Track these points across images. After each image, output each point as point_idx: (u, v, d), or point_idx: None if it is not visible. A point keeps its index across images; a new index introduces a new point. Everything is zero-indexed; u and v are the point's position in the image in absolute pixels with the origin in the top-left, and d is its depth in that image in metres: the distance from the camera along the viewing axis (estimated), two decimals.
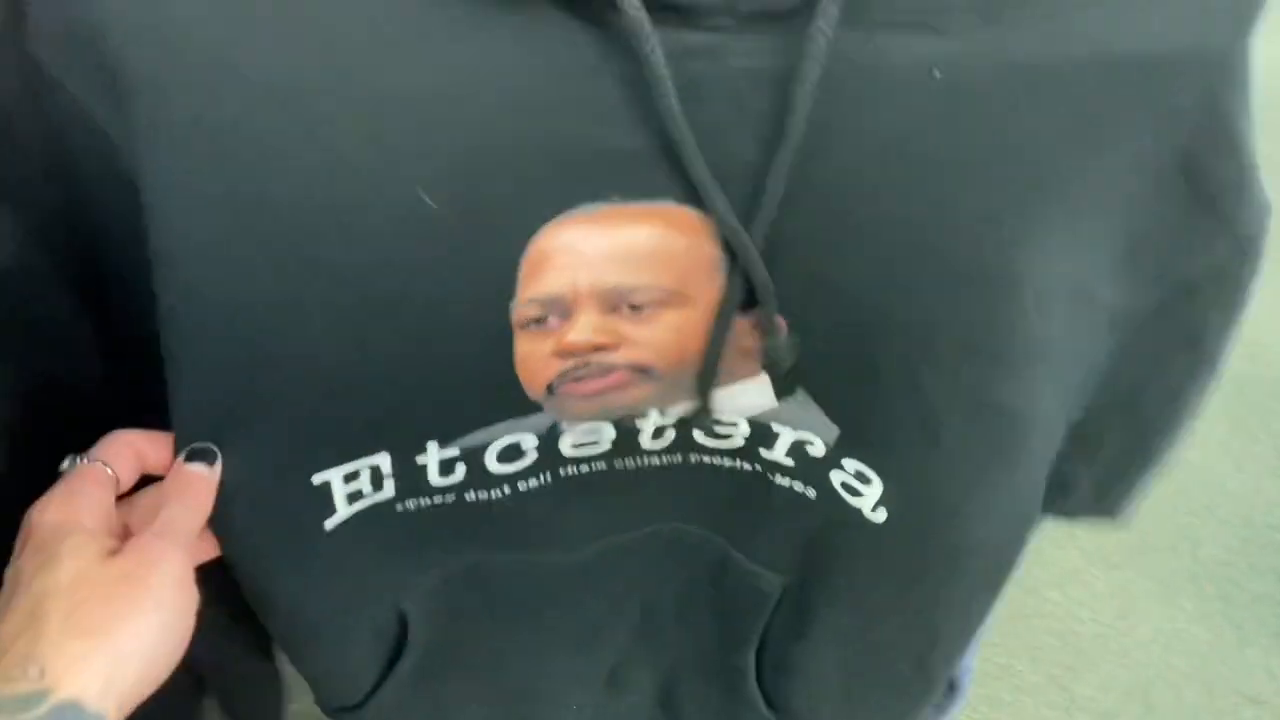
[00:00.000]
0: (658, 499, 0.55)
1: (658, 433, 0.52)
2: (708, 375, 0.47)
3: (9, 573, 0.39)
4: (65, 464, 0.42)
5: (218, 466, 0.44)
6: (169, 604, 0.39)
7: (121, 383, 0.46)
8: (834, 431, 0.51)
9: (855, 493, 0.53)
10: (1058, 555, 1.54)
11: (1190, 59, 0.39)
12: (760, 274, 0.42)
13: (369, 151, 0.38)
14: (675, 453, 0.53)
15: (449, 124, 0.38)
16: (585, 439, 0.51)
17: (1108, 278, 0.45)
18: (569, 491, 0.53)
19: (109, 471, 0.42)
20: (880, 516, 0.52)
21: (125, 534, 0.42)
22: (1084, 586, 1.51)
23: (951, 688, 0.73)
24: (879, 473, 0.51)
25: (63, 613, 0.36)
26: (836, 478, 0.53)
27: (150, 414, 0.44)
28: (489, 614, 0.59)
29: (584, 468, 0.52)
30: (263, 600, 0.52)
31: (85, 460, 0.42)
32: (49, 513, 0.40)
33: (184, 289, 0.40)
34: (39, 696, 0.34)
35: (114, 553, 0.39)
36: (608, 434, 0.51)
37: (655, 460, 0.53)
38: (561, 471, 0.52)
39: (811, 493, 0.54)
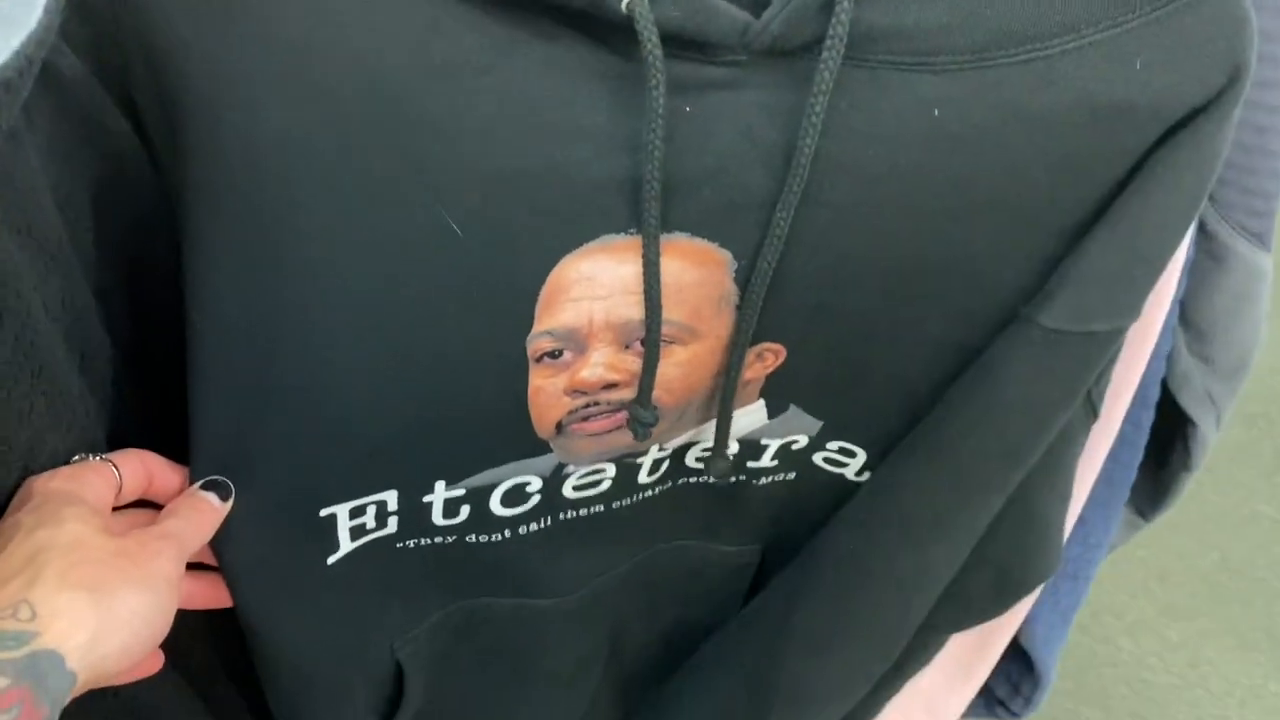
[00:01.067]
0: (645, 529, 0.56)
1: (655, 467, 0.52)
2: (724, 421, 0.48)
3: (3, 523, 0.37)
4: (76, 458, 0.41)
5: (229, 504, 0.43)
6: (161, 590, 0.38)
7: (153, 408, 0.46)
8: (817, 425, 0.52)
9: (838, 464, 0.54)
10: (1130, 604, 1.52)
11: (1173, 107, 0.40)
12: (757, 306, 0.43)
13: (402, 177, 0.37)
14: (668, 480, 0.54)
15: (476, 152, 0.38)
16: (587, 480, 0.51)
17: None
18: (565, 535, 0.53)
19: (116, 474, 0.41)
20: (864, 478, 0.54)
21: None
22: (1156, 636, 1.49)
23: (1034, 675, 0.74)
24: (863, 446, 0.53)
25: (61, 566, 0.35)
26: (818, 458, 0.54)
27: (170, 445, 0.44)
28: (481, 664, 0.58)
29: (583, 511, 0.53)
30: (265, 650, 0.50)
31: (96, 459, 0.41)
32: (54, 481, 0.39)
33: (210, 311, 0.40)
34: (24, 637, 0.33)
35: (113, 534, 0.38)
36: (609, 472, 0.51)
37: (649, 493, 0.54)
38: (561, 515, 0.53)
39: (792, 475, 0.55)
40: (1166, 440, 0.68)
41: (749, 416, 0.51)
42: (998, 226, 0.44)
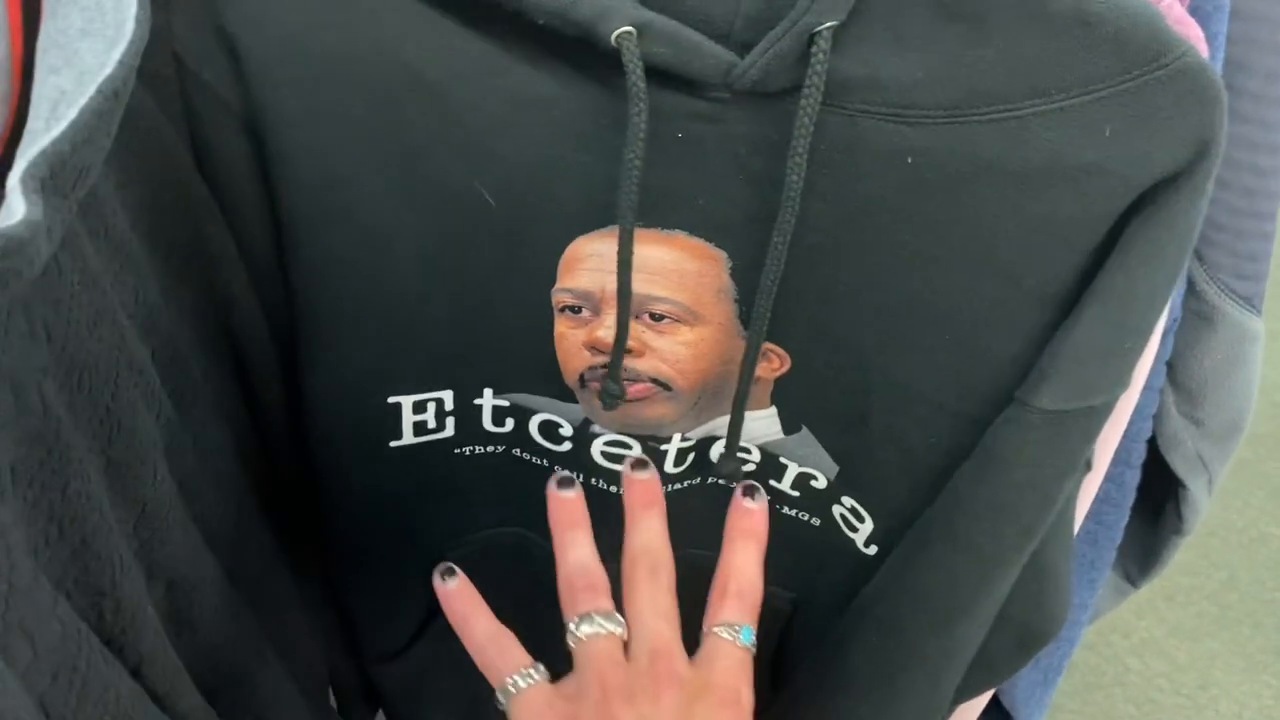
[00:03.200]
0: (678, 528, 0.56)
1: (680, 457, 0.53)
2: (739, 406, 0.49)
3: None
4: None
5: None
6: None
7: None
8: (834, 469, 0.52)
9: (852, 527, 0.54)
10: (1137, 624, 1.49)
11: (1141, 175, 0.39)
12: (765, 309, 0.44)
13: (441, 153, 0.43)
14: (695, 476, 0.55)
15: (496, 142, 0.42)
16: (614, 450, 0.53)
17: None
18: (598, 504, 0.55)
19: None
20: (872, 551, 0.53)
21: None
22: (1164, 657, 1.45)
23: None
24: (870, 513, 0.52)
25: None
26: (837, 510, 0.54)
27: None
28: (521, 599, 0.60)
29: (613, 489, 0.54)
30: (333, 518, 0.57)
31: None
32: None
33: (304, 220, 0.45)
34: None
35: None
36: (635, 451, 0.53)
37: (677, 486, 0.55)
38: (592, 481, 0.55)
39: (816, 521, 0.55)
40: (1158, 503, 0.65)
41: (762, 422, 0.51)
42: (978, 281, 0.43)
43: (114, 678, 0.32)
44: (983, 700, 0.67)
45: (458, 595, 0.54)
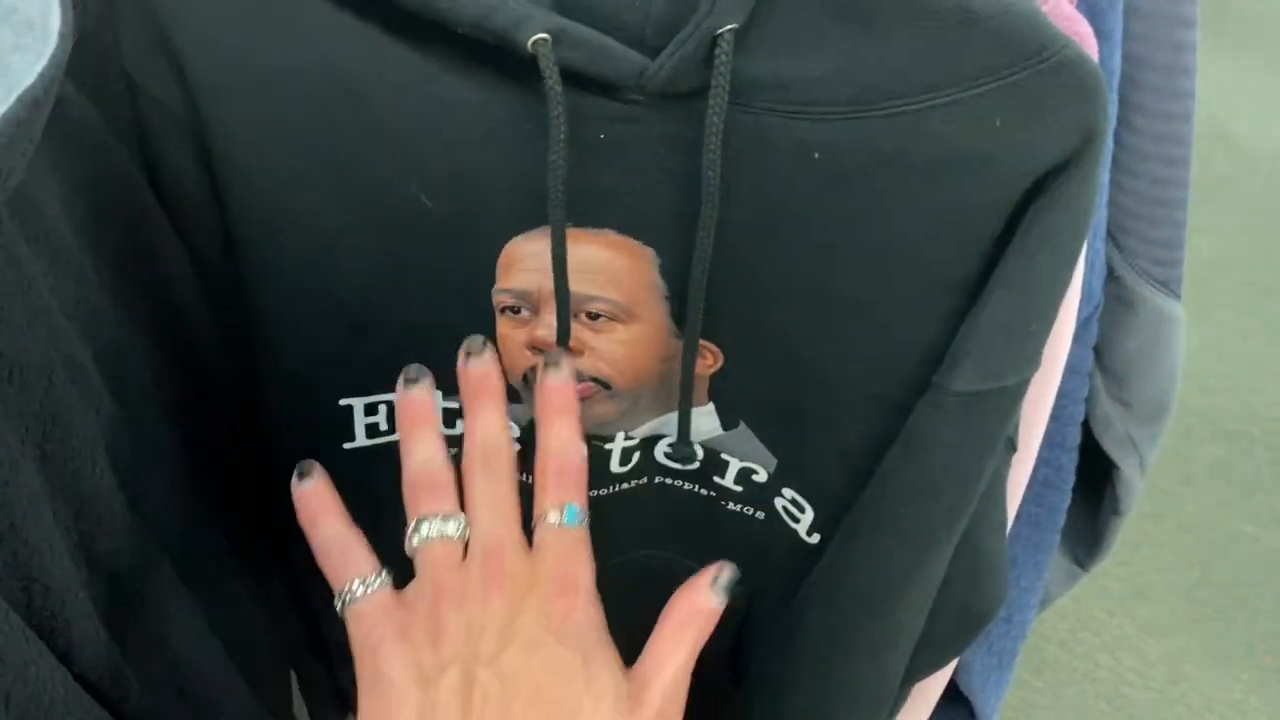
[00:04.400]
0: (626, 529, 0.57)
1: (625, 457, 0.55)
2: (685, 405, 0.50)
3: None
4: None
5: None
6: None
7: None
8: (773, 461, 0.54)
9: (794, 518, 0.55)
10: (1109, 622, 1.50)
11: (1032, 164, 0.41)
12: (698, 305, 0.46)
13: (376, 157, 0.44)
14: (641, 475, 0.56)
15: (427, 147, 0.43)
16: None
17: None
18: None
19: None
20: (815, 540, 0.55)
21: None
22: (1136, 654, 1.46)
23: None
24: (809, 502, 0.54)
25: None
26: (779, 503, 0.55)
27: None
28: None
29: None
30: (293, 519, 0.54)
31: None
32: None
33: (251, 227, 0.47)
34: None
35: None
36: None
37: (625, 485, 0.56)
38: None
39: (760, 515, 0.56)
40: (1097, 486, 0.66)
41: (702, 419, 0.53)
42: (889, 270, 0.45)
43: (34, 655, 0.33)
44: (940, 683, 0.68)
45: (312, 496, 0.47)
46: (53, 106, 0.35)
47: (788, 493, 0.55)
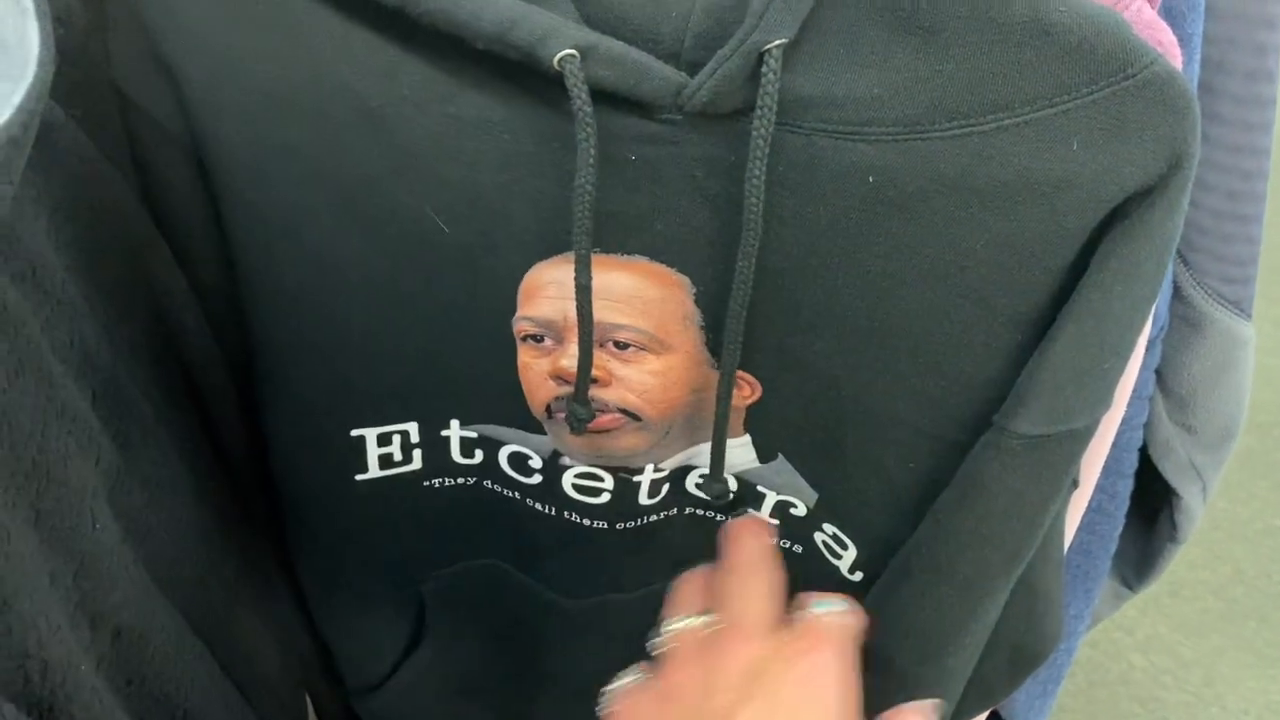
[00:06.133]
0: (656, 559, 0.55)
1: (654, 489, 0.52)
2: (719, 443, 0.47)
3: None
4: None
5: None
6: None
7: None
8: (814, 496, 0.50)
9: (835, 554, 0.52)
10: (1141, 620, 1.46)
11: (1112, 188, 0.37)
12: (736, 338, 0.43)
13: (390, 182, 0.41)
14: (671, 507, 0.53)
15: (447, 169, 0.40)
16: (586, 482, 0.51)
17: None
18: (570, 536, 0.53)
19: None
20: (858, 577, 0.52)
21: None
22: (1169, 653, 1.43)
23: None
24: (852, 539, 0.51)
25: None
26: (819, 538, 0.52)
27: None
28: (499, 630, 0.59)
29: (586, 521, 0.53)
30: (303, 551, 0.55)
31: None
32: None
33: (254, 251, 0.44)
34: None
35: None
36: (607, 483, 0.51)
37: (654, 518, 0.53)
38: (566, 514, 0.53)
39: (798, 548, 0.53)
40: (1152, 511, 0.63)
41: (738, 451, 0.50)
42: (947, 301, 0.41)
43: None
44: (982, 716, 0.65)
45: None
46: (36, 131, 0.32)
47: (828, 528, 0.51)
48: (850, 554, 0.51)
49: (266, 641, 0.55)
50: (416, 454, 0.52)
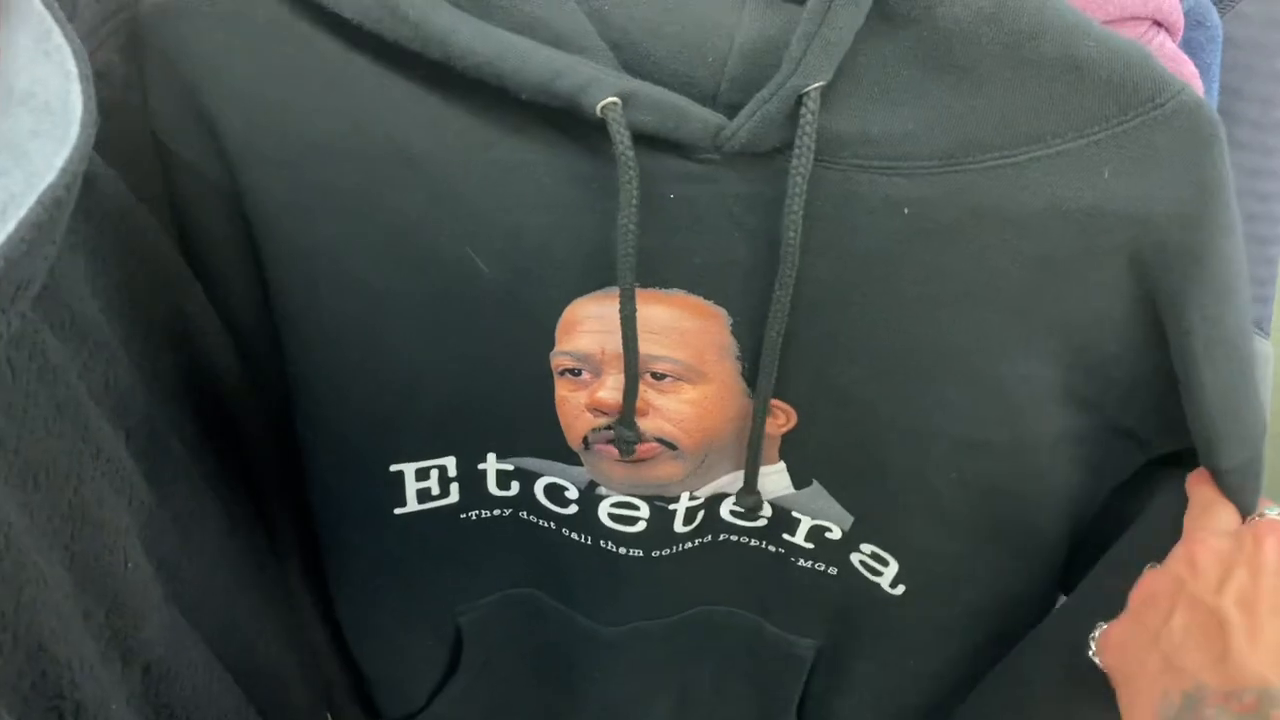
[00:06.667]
0: (691, 586, 0.55)
1: (689, 516, 0.52)
2: (752, 467, 0.48)
3: None
4: None
5: None
6: None
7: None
8: (849, 519, 0.51)
9: (875, 571, 0.53)
10: None
11: (1142, 214, 0.39)
12: (771, 366, 0.44)
13: (431, 219, 0.42)
14: (705, 534, 0.54)
15: (489, 212, 0.41)
16: (622, 511, 0.52)
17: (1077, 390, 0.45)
18: (607, 564, 0.54)
19: None
20: (899, 590, 0.52)
21: None
22: None
23: None
24: (894, 555, 0.51)
25: None
26: (855, 558, 0.53)
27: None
28: (534, 658, 0.60)
29: (622, 549, 0.53)
30: (340, 584, 0.56)
31: None
32: None
33: (296, 295, 0.45)
34: None
35: None
36: (643, 512, 0.52)
37: (689, 545, 0.54)
38: (602, 543, 0.53)
39: (833, 570, 0.54)
40: None
41: (773, 478, 0.50)
42: (984, 318, 0.42)
43: None
44: None
45: None
46: (79, 190, 0.33)
47: (866, 548, 0.52)
48: (891, 569, 0.52)
49: (294, 671, 0.56)
50: (454, 487, 0.52)
